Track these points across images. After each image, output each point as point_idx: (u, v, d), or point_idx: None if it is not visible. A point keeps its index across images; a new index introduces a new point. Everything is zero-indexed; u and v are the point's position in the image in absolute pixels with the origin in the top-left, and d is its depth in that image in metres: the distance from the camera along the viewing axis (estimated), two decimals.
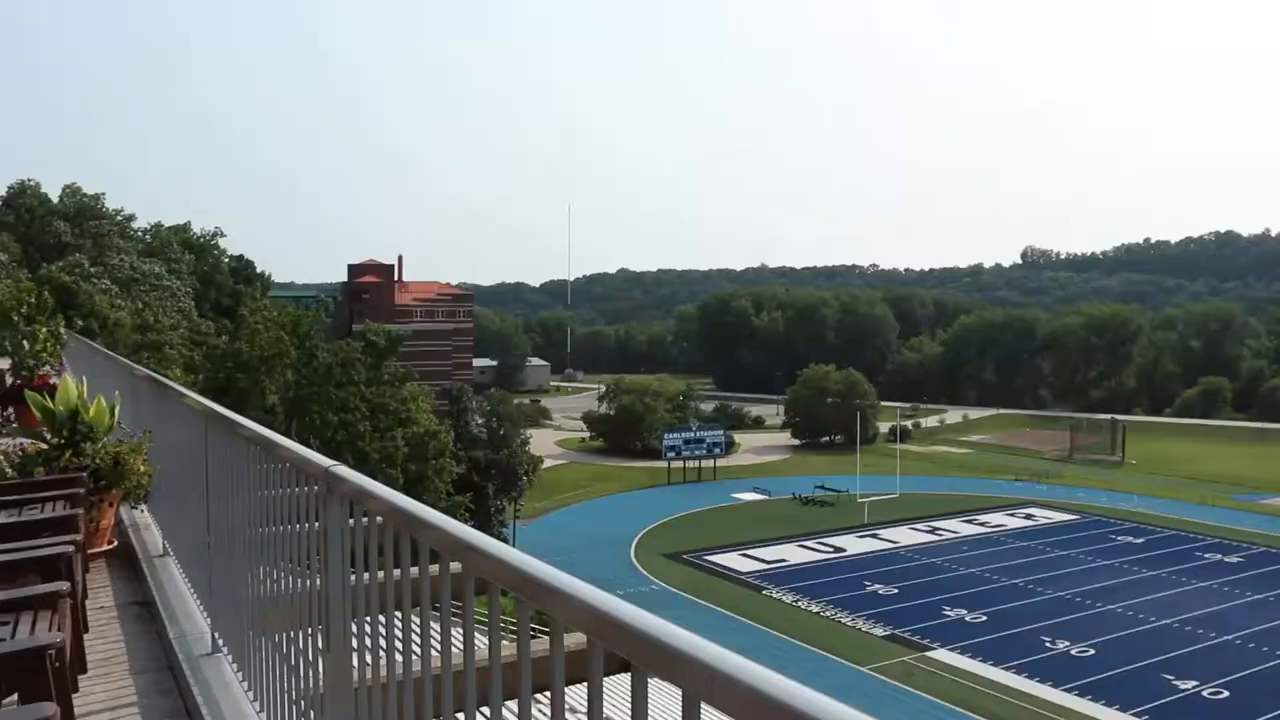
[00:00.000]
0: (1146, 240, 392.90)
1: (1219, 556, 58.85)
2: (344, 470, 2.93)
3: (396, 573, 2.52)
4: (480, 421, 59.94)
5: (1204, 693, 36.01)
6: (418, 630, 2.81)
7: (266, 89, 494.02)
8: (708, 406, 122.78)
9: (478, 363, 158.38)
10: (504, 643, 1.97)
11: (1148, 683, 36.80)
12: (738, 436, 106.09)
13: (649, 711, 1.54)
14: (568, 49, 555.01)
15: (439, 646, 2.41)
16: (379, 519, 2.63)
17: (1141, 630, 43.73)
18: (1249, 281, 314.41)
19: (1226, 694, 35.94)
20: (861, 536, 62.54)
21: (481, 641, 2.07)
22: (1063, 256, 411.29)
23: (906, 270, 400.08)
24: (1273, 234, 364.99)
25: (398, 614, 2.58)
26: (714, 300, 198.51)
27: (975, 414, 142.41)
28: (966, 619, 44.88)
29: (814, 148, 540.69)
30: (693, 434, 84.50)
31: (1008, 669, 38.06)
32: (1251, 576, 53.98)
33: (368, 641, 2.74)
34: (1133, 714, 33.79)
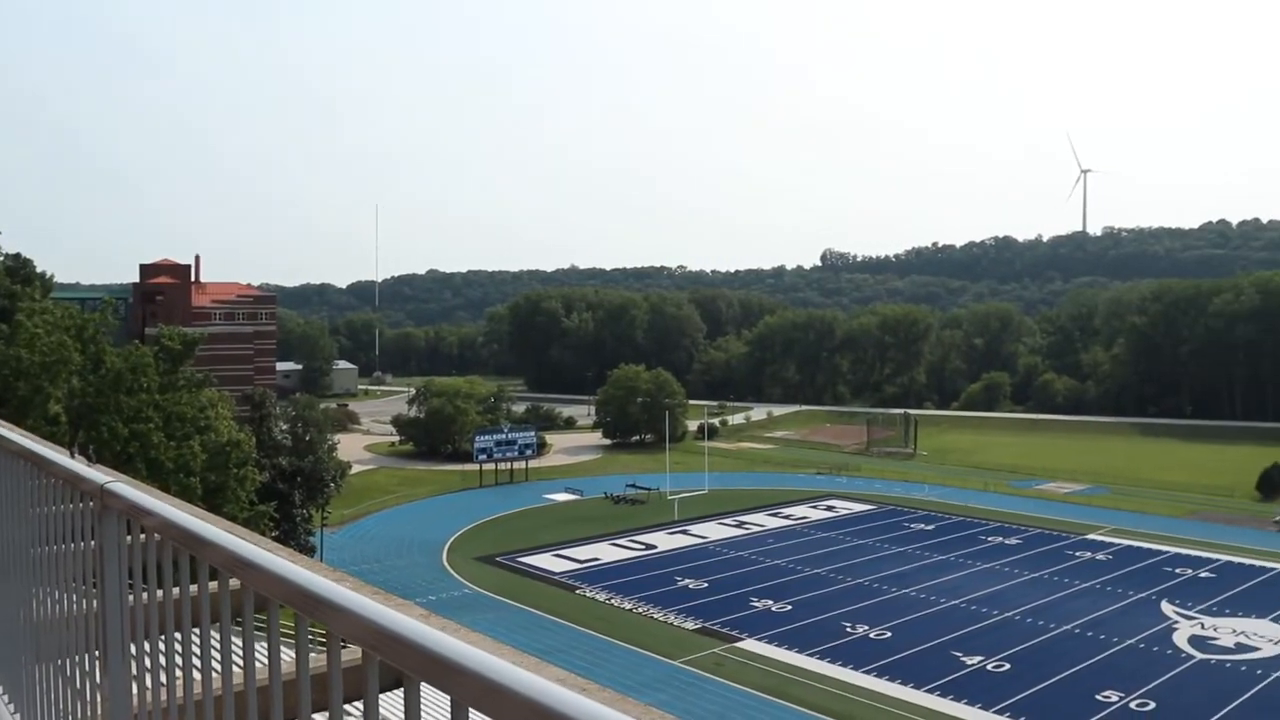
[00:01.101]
0: (934, 244, 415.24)
1: (1000, 539, 62.95)
2: (121, 486, 2.81)
3: (176, 591, 2.45)
4: (284, 427, 57.84)
5: (988, 666, 38.45)
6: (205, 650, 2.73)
7: (47, 65, 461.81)
8: (519, 408, 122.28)
9: (281, 367, 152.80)
10: (285, 660, 1.94)
11: (939, 660, 39.00)
12: (549, 437, 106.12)
13: None
14: (378, 45, 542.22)
15: (220, 667, 2.35)
16: (156, 536, 2.54)
17: (933, 611, 46.31)
18: (1025, 283, 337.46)
19: (1008, 666, 38.50)
20: (672, 533, 63.70)
21: (267, 659, 2.02)
22: (859, 259, 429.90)
23: (713, 272, 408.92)
24: (1044, 239, 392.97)
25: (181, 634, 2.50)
26: (525, 301, 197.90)
27: (779, 411, 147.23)
28: (773, 609, 46.40)
29: (622, 152, 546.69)
30: (504, 436, 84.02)
31: (811, 655, 39.59)
32: (1028, 556, 58.06)
33: (148, 663, 2.65)
34: (925, 690, 35.68)
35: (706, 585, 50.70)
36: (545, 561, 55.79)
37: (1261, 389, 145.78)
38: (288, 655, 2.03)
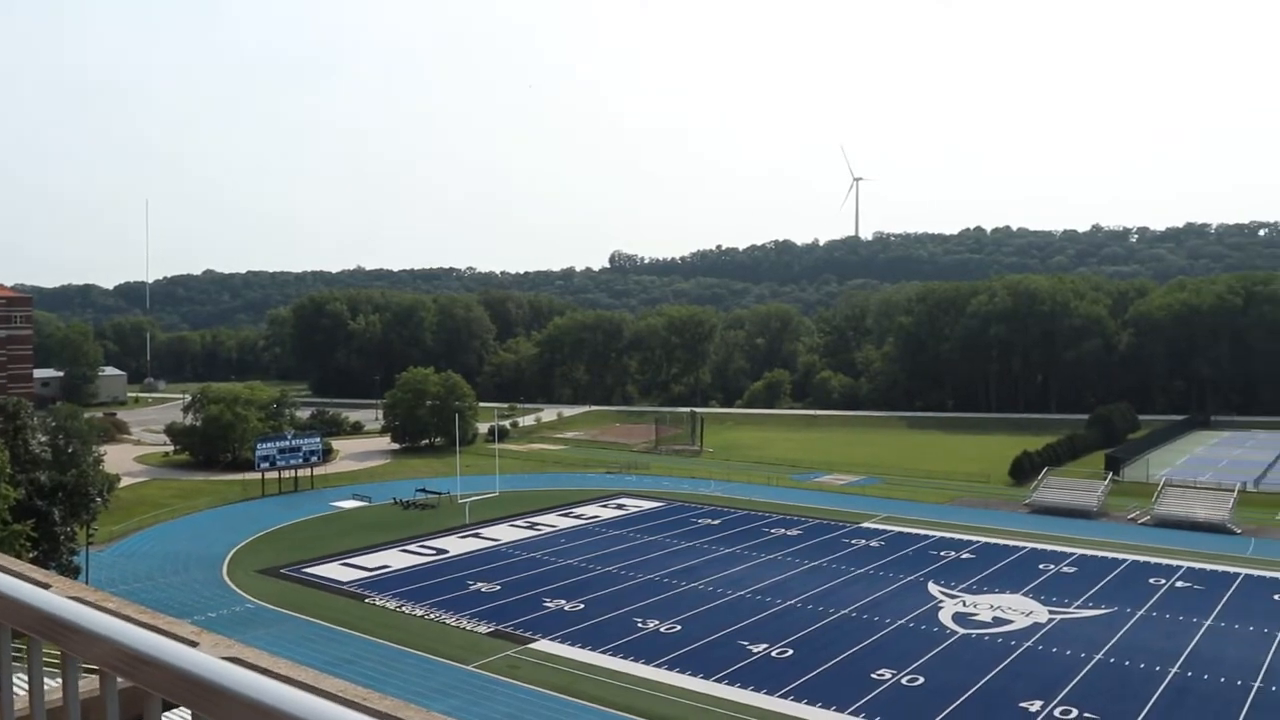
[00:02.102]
0: (719, 247, 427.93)
1: (783, 530, 65.68)
2: None
3: None
4: (43, 439, 53.65)
5: (773, 653, 40.11)
6: None
7: None
8: (304, 413, 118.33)
9: (40, 374, 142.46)
10: (18, 691, 1.83)
11: (727, 650, 40.39)
12: (336, 443, 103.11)
13: None
14: (160, 33, 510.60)
15: None
16: None
17: (721, 603, 47.87)
18: (803, 285, 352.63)
19: (791, 652, 40.28)
20: (464, 537, 63.18)
21: (21, 687, 1.88)
22: (646, 261, 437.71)
23: (503, 273, 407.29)
24: (821, 244, 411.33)
25: None
26: (309, 303, 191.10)
27: (569, 411, 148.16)
28: (566, 608, 46.79)
29: (411, 152, 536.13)
30: (288, 442, 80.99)
31: (604, 652, 40.19)
32: (809, 546, 60.86)
33: None
34: (714, 680, 36.88)
35: (499, 588, 50.60)
36: (333, 571, 54.24)
37: (1013, 383, 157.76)
38: (21, 685, 1.89)
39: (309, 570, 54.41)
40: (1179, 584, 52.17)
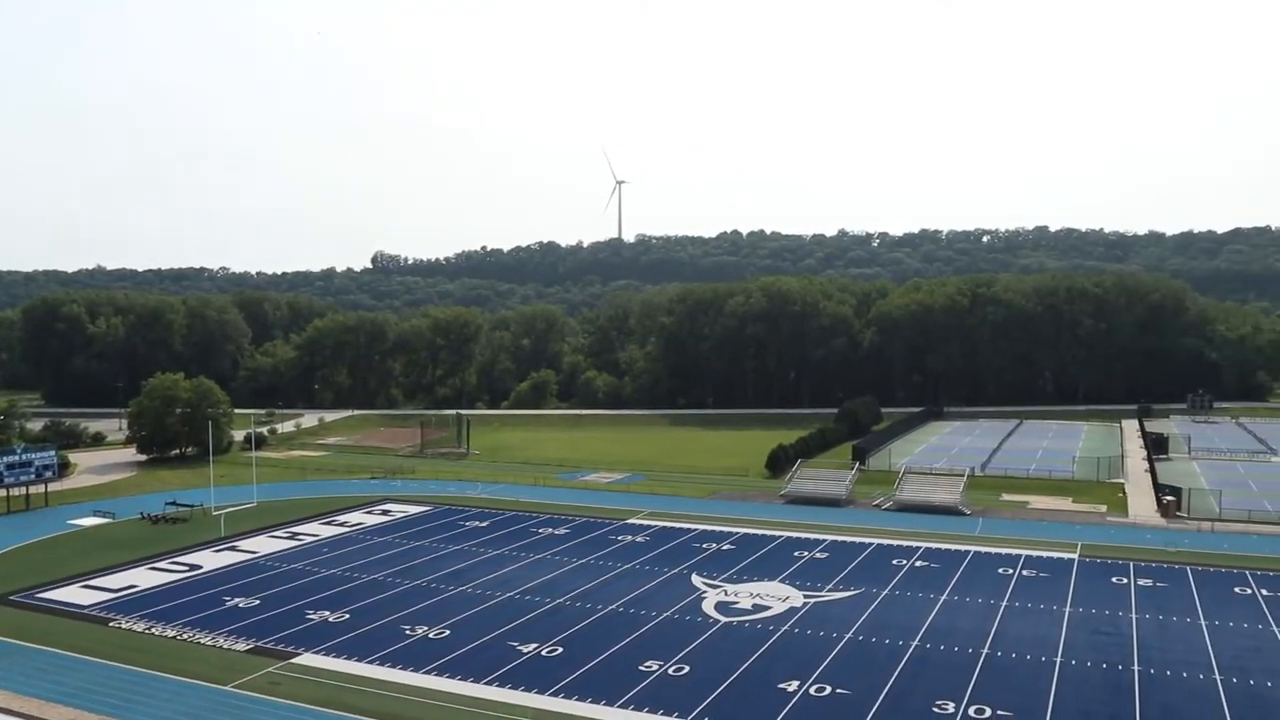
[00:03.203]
0: (484, 248, 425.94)
1: (551, 530, 66.20)
2: None
3: None
4: None
5: (543, 652, 40.41)
6: None
7: None
8: (36, 425, 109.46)
9: None
10: None
11: (497, 652, 40.37)
12: (74, 456, 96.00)
13: None
14: None
15: None
16: None
17: (490, 605, 47.76)
18: (568, 286, 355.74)
19: (561, 650, 40.71)
20: (219, 550, 60.16)
21: None
22: (410, 262, 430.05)
23: (259, 274, 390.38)
24: (585, 245, 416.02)
25: None
26: (40, 305, 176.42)
27: (331, 416, 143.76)
28: (330, 620, 45.44)
29: (156, 145, 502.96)
30: (17, 457, 74.51)
31: (371, 662, 39.31)
32: (576, 544, 61.64)
33: None
34: (484, 683, 36.78)
35: (258, 602, 48.54)
36: (71, 595, 50.39)
37: (768, 380, 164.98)
38: None
39: (44, 595, 50.36)
40: (918, 564, 56.23)
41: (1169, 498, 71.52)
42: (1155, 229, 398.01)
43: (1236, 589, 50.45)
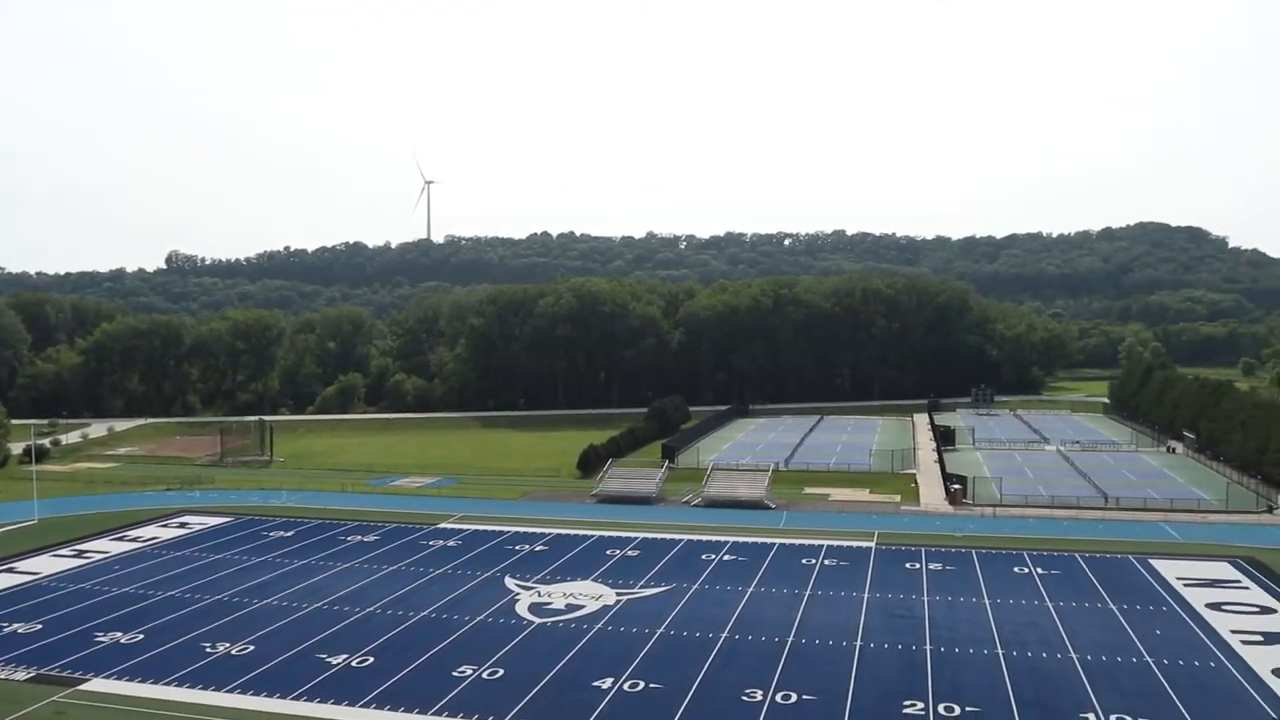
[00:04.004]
0: (287, 248, 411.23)
1: (360, 537, 64.70)
2: None
3: None
4: None
5: (353, 663, 39.52)
6: None
7: None
8: None
9: None
10: None
11: (305, 666, 39.22)
12: None
13: None
14: None
15: None
16: None
17: (296, 617, 46.32)
18: (375, 288, 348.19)
19: (372, 660, 39.90)
20: None
21: None
22: (208, 262, 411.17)
23: (39, 274, 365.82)
24: (393, 246, 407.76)
25: None
26: None
27: (122, 425, 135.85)
28: (123, 641, 43.05)
29: None
30: None
31: (169, 684, 37.49)
32: (387, 551, 60.36)
33: None
34: (292, 699, 35.68)
35: (40, 627, 45.46)
36: None
37: (579, 380, 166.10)
38: None
39: None
40: (726, 557, 57.92)
41: (956, 486, 76.25)
42: (942, 234, 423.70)
43: (1016, 569, 54.28)
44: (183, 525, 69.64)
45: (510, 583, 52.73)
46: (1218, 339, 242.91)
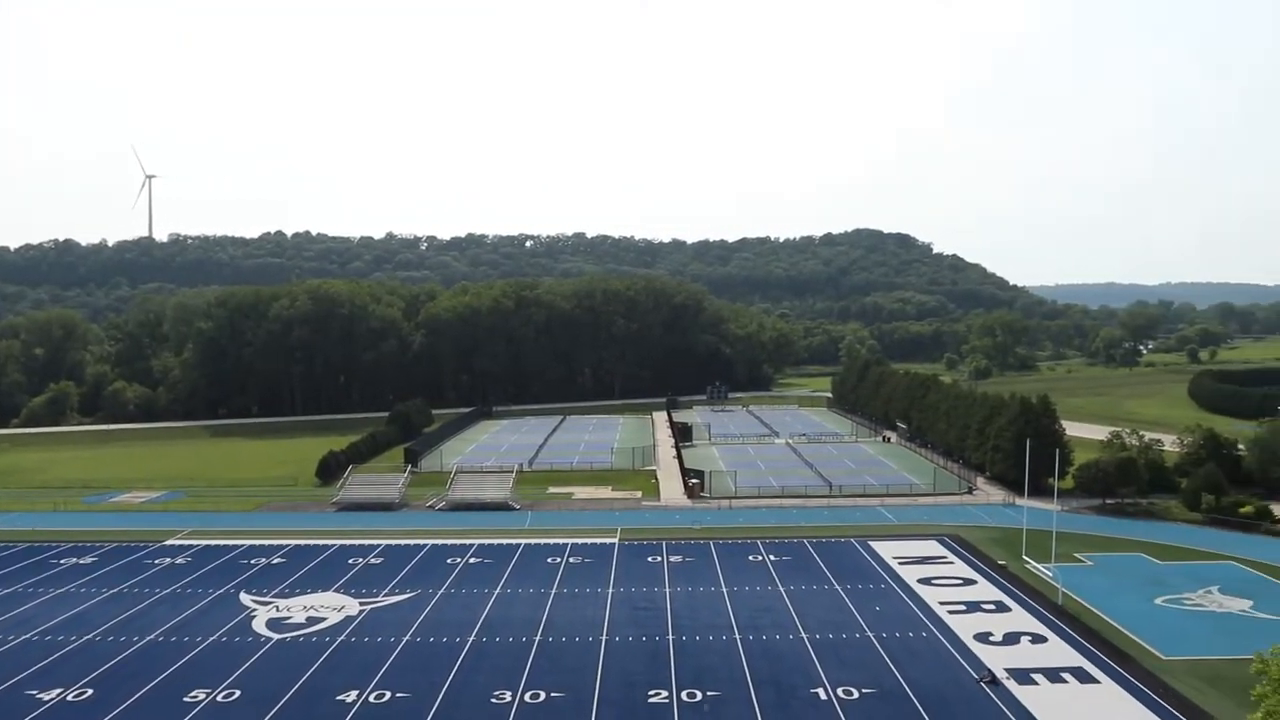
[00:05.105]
0: None
1: (75, 560, 60.07)
2: None
3: None
4: None
5: (69, 697, 36.80)
6: None
7: None
8: None
9: None
10: None
11: (13, 703, 36.16)
12: None
13: None
14: None
15: None
16: None
17: (1, 652, 42.55)
18: (90, 289, 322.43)
19: (91, 692, 37.28)
20: None
21: None
22: None
23: None
24: (110, 244, 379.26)
25: None
26: None
27: None
28: None
29: None
30: None
31: None
32: (107, 572, 56.46)
33: None
34: None
35: None
36: None
37: (317, 385, 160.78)
38: None
39: None
40: (473, 560, 57.88)
41: (694, 481, 79.43)
42: (678, 237, 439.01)
43: (750, 557, 57.27)
44: None
45: (246, 598, 50.56)
46: (925, 336, 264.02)
